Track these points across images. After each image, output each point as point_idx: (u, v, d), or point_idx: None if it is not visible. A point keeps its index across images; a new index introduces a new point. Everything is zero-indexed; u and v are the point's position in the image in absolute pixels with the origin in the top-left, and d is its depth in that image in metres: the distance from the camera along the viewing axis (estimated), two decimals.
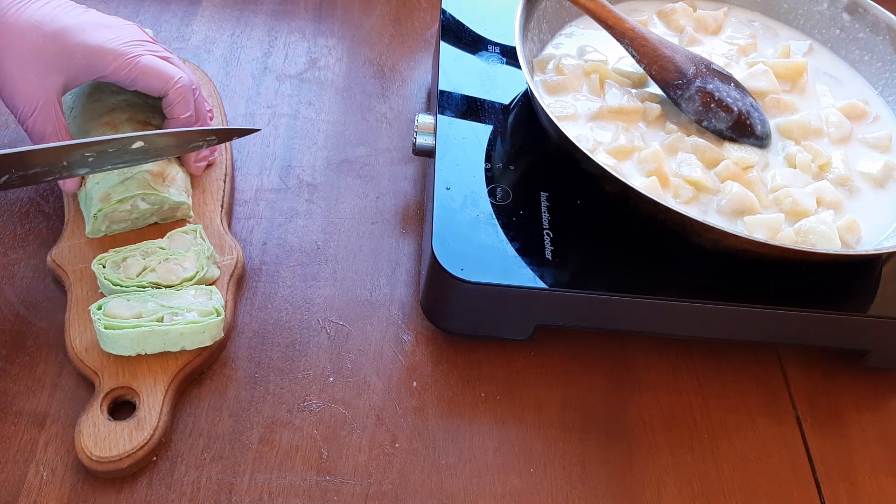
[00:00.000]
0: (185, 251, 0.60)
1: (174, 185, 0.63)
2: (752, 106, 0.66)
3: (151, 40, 0.63)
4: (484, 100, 0.68)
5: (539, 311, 0.59)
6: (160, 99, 0.62)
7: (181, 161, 0.65)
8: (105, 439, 0.52)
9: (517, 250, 0.58)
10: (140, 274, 0.58)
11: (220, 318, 0.56)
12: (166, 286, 0.58)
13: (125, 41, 0.60)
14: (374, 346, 0.61)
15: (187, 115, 0.62)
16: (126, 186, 0.61)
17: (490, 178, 0.62)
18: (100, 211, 0.60)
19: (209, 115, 0.67)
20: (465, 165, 0.63)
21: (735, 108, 0.65)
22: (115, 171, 0.62)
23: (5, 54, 0.58)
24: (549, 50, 0.71)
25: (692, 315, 0.59)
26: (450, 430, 0.58)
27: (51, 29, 0.58)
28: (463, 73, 0.70)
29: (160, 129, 0.64)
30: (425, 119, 0.66)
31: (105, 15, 0.63)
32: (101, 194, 0.61)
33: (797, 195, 0.61)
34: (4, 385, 0.56)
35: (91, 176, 0.62)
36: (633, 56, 0.67)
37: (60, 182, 0.62)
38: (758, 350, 0.65)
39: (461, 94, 0.68)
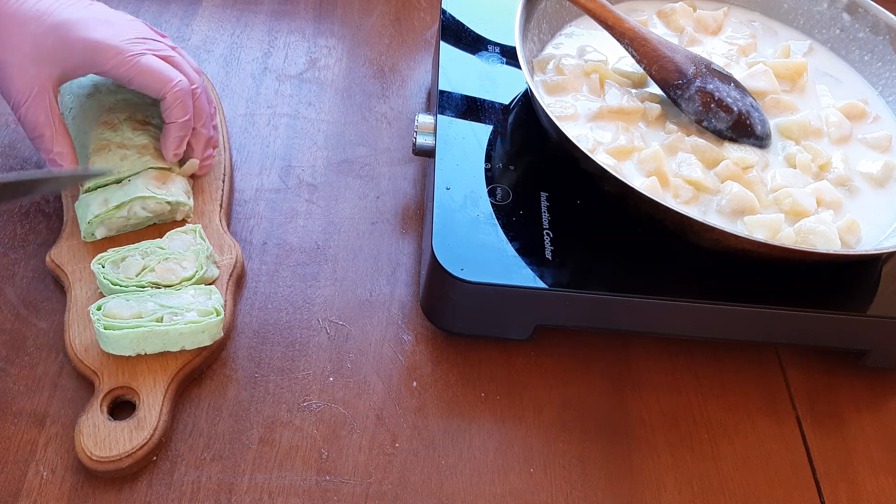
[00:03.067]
0: (185, 251, 0.60)
1: (174, 186, 0.63)
2: (752, 106, 0.66)
3: (155, 37, 0.63)
4: (484, 100, 0.68)
5: (539, 311, 0.58)
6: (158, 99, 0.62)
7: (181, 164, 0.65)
8: (105, 439, 0.52)
9: (517, 250, 0.58)
10: (139, 274, 0.58)
11: (219, 317, 0.56)
12: (165, 286, 0.58)
13: (127, 38, 0.60)
14: (374, 346, 0.61)
15: (184, 118, 0.62)
16: (125, 191, 0.61)
17: (490, 178, 0.62)
18: (95, 217, 0.60)
19: (212, 114, 0.67)
20: (465, 165, 0.63)
21: (735, 108, 0.65)
22: (114, 175, 0.62)
23: (3, 43, 0.58)
24: (549, 50, 0.71)
25: (692, 315, 0.59)
26: (450, 430, 0.58)
27: (51, 21, 0.58)
28: (463, 73, 0.70)
29: (160, 128, 0.64)
30: (425, 119, 0.66)
31: (110, 10, 0.62)
32: (100, 199, 0.61)
33: (797, 195, 0.61)
34: (4, 385, 0.56)
35: (86, 182, 0.62)
36: (633, 56, 0.67)
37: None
38: (758, 350, 0.65)
39: (461, 94, 0.68)
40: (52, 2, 0.59)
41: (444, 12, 0.75)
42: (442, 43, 0.72)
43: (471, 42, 0.73)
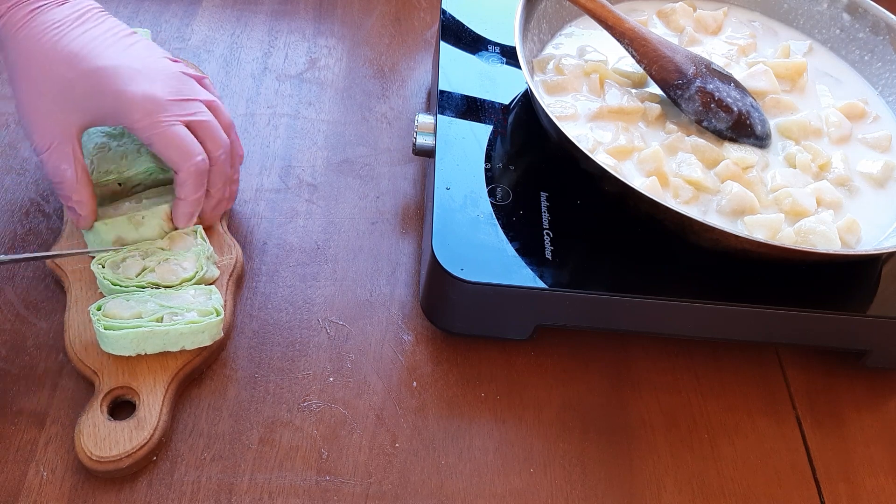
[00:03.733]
0: (185, 251, 0.60)
1: None
2: (752, 106, 0.66)
3: (193, 93, 0.58)
4: (484, 100, 0.68)
5: (539, 311, 0.58)
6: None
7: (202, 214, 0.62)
8: (105, 439, 0.52)
9: (517, 250, 0.58)
10: (139, 274, 0.58)
11: (219, 317, 0.56)
12: (165, 286, 0.58)
13: (159, 99, 0.56)
14: (374, 346, 0.61)
15: (195, 196, 0.59)
16: (140, 234, 0.60)
17: (490, 178, 0.62)
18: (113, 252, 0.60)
19: (236, 169, 0.63)
20: (465, 165, 0.63)
21: (735, 108, 0.65)
22: (113, 177, 0.62)
23: (31, 83, 0.55)
24: (549, 50, 0.71)
25: (692, 315, 0.59)
26: (450, 430, 0.58)
27: (84, 67, 0.54)
28: (463, 73, 0.70)
29: None
30: (425, 119, 0.66)
31: (151, 51, 0.58)
32: (115, 238, 0.60)
33: (797, 195, 0.61)
34: (4, 385, 0.56)
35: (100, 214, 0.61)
36: (633, 56, 0.67)
37: (74, 218, 0.59)
38: (758, 350, 0.65)
39: (461, 94, 0.68)
40: (90, 40, 0.55)
41: (444, 12, 0.75)
42: (442, 43, 0.72)
43: (471, 42, 0.73)
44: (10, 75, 0.56)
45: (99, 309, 0.55)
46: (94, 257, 0.59)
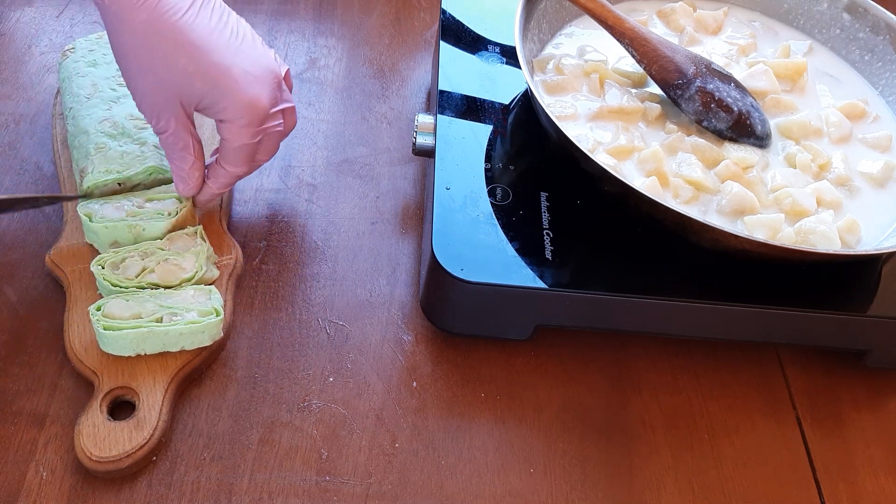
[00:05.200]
0: (185, 252, 0.60)
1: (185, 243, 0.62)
2: (752, 106, 0.66)
3: (283, 101, 0.60)
4: (484, 100, 0.68)
5: (539, 311, 0.58)
6: None
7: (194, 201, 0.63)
8: (105, 439, 0.52)
9: (517, 250, 0.58)
10: (139, 275, 0.58)
11: (219, 317, 0.56)
12: (165, 287, 0.58)
13: (263, 109, 0.57)
14: (374, 346, 0.61)
15: (221, 191, 0.62)
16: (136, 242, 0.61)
17: (490, 178, 0.62)
18: (112, 253, 0.60)
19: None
20: (465, 165, 0.63)
21: (735, 108, 0.65)
22: (113, 177, 0.62)
23: (152, 72, 0.54)
24: (549, 50, 0.71)
25: (692, 315, 0.59)
26: (450, 430, 0.58)
27: (205, 61, 0.54)
28: (463, 73, 0.70)
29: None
30: (425, 119, 0.66)
31: (254, 42, 0.58)
32: (112, 242, 0.60)
33: (797, 195, 0.61)
34: (4, 385, 0.56)
35: (98, 211, 0.61)
36: (633, 56, 0.67)
37: (180, 188, 0.61)
38: (758, 350, 0.65)
39: (461, 94, 0.68)
40: (207, 33, 0.55)
41: (444, 12, 0.75)
42: (442, 43, 0.72)
43: (471, 42, 0.73)
44: (124, 60, 0.55)
45: (98, 309, 0.55)
46: (91, 250, 0.59)
